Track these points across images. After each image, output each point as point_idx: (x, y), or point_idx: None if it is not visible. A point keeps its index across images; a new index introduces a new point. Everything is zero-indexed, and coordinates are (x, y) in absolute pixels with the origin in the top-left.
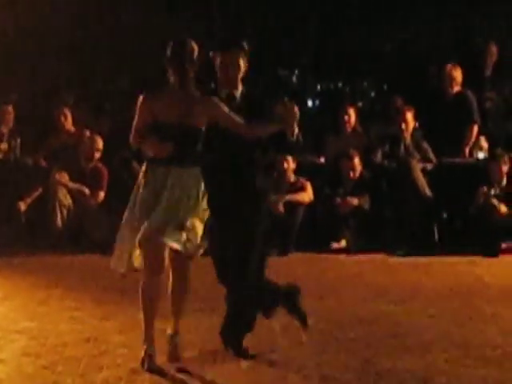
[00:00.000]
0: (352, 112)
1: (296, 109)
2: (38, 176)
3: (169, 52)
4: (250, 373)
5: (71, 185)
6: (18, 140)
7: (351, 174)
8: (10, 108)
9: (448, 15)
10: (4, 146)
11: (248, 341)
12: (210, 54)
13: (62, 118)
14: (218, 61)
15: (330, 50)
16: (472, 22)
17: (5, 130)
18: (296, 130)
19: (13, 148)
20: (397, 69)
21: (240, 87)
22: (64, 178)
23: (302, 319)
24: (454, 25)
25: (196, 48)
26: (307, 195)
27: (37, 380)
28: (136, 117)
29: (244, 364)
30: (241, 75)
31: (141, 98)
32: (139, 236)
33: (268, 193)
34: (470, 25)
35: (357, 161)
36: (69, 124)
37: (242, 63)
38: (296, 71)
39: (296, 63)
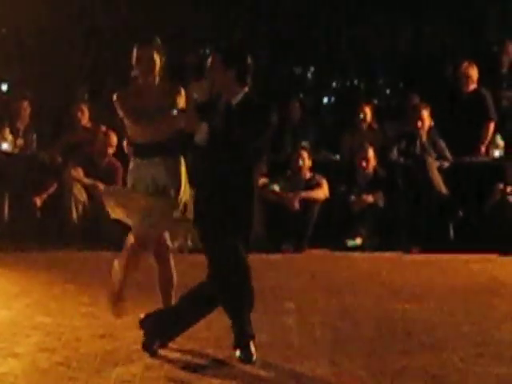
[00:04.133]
0: (368, 110)
1: None
2: (54, 172)
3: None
4: (265, 370)
5: (86, 180)
6: (34, 136)
7: (364, 165)
8: (26, 104)
9: (463, 12)
10: (20, 141)
11: (263, 337)
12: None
13: (79, 114)
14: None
15: (345, 47)
16: (488, 19)
17: (21, 126)
18: None
19: (28, 144)
20: (412, 66)
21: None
22: (79, 173)
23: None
24: (469, 23)
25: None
26: (323, 192)
27: (51, 375)
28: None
29: (258, 361)
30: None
31: (115, 97)
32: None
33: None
34: (486, 23)
35: (371, 154)
36: (85, 120)
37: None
38: (311, 68)
39: (311, 60)
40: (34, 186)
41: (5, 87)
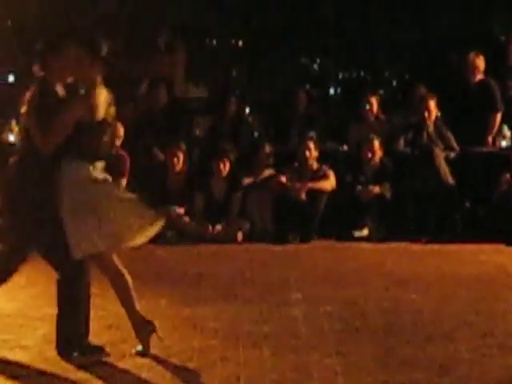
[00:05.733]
0: (374, 100)
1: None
2: None
3: None
4: (272, 359)
5: None
6: None
7: (370, 156)
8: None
9: (470, 2)
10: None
11: (270, 328)
12: None
13: None
14: None
15: (350, 38)
16: (495, 9)
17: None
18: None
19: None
20: (418, 57)
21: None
22: None
23: None
24: (476, 12)
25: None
26: (330, 183)
27: (59, 366)
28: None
29: (266, 351)
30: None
31: None
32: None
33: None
34: (494, 12)
35: (377, 145)
36: None
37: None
38: (317, 59)
39: (317, 51)
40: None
41: (11, 78)
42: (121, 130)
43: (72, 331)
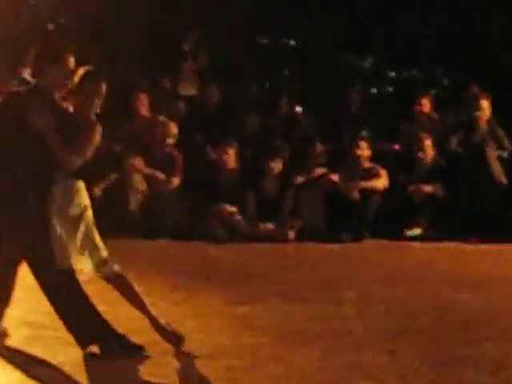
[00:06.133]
0: (426, 100)
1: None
2: (113, 161)
3: None
4: (324, 358)
5: (146, 170)
6: None
7: (421, 155)
8: None
9: None
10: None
11: (322, 326)
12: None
13: (138, 103)
14: None
15: (402, 36)
16: None
17: None
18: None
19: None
20: (470, 56)
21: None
22: (139, 163)
23: None
24: None
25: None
26: (382, 182)
27: (109, 364)
28: None
29: (318, 350)
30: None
31: None
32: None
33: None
34: None
35: (428, 144)
36: (144, 109)
37: None
38: (368, 58)
39: (369, 50)
40: (93, 175)
41: None
42: (173, 129)
43: (89, 328)
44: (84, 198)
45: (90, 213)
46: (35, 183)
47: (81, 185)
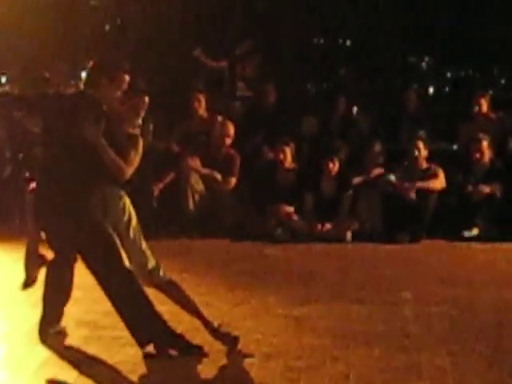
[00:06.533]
0: (483, 100)
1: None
2: (171, 161)
3: None
4: (382, 358)
5: (203, 170)
6: (151, 126)
7: (478, 156)
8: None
9: None
10: (137, 131)
11: (380, 327)
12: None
13: (196, 104)
14: None
15: (459, 37)
16: None
17: None
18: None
19: (145, 134)
20: None
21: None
22: (196, 163)
23: None
24: None
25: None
26: (439, 182)
27: (168, 363)
28: None
29: (376, 351)
30: None
31: None
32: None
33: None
34: None
35: (485, 144)
36: (202, 109)
37: None
38: (426, 58)
39: (426, 50)
40: (152, 175)
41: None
42: (231, 129)
43: (148, 328)
44: (129, 207)
45: (134, 221)
46: (83, 184)
47: (124, 194)
